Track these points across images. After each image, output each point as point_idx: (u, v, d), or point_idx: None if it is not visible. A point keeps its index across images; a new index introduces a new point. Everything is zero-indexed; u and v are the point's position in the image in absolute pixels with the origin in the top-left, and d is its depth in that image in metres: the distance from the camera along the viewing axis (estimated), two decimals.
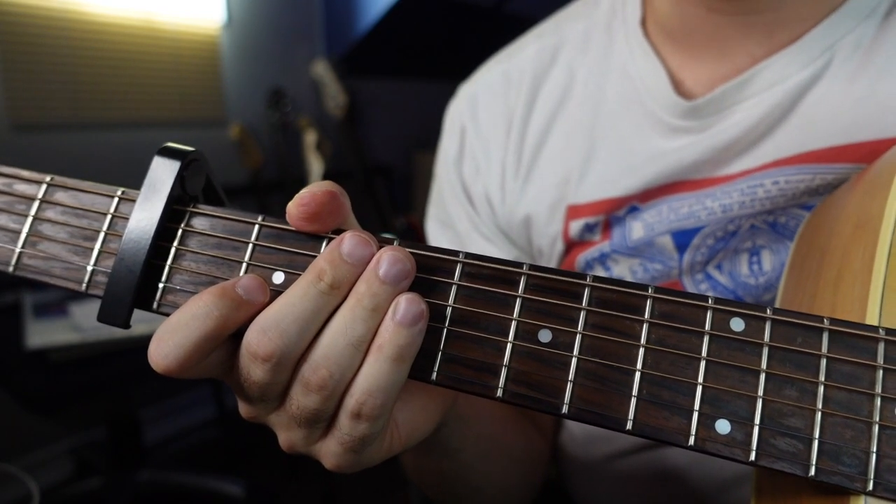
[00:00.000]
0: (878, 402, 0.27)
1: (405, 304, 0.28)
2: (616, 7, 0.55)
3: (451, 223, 0.62)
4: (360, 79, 2.80)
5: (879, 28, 0.43)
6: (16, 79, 1.85)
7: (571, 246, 0.55)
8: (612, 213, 0.52)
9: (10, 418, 1.71)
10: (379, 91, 2.97)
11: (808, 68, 0.44)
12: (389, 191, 2.92)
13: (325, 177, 2.52)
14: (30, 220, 0.35)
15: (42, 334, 1.46)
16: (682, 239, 0.50)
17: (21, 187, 0.36)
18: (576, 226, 0.54)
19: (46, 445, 1.91)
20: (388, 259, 0.29)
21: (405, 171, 3.14)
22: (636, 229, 0.51)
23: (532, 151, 0.56)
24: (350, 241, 0.29)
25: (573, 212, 0.54)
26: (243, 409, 0.32)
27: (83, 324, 1.48)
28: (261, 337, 0.28)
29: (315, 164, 2.52)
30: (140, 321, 0.33)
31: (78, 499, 1.83)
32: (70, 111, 1.98)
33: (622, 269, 0.53)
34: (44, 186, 0.35)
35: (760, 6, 0.45)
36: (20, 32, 1.85)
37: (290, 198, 0.31)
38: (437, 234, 0.63)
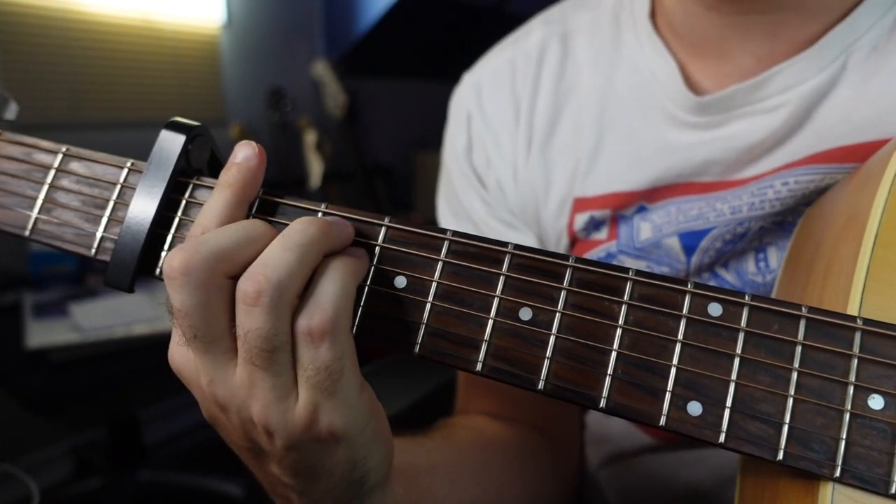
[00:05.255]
0: (851, 390, 0.27)
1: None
2: None
3: (466, 214, 0.60)
4: (360, 79, 2.80)
5: (894, 28, 0.43)
6: (16, 79, 1.85)
7: (575, 242, 0.54)
8: (620, 211, 0.52)
9: (10, 418, 1.71)
10: (379, 91, 2.96)
11: (825, 72, 0.43)
12: (389, 191, 2.92)
13: (326, 177, 2.52)
14: (46, 187, 0.37)
15: (42, 334, 1.46)
16: (691, 241, 0.49)
17: (39, 156, 0.38)
18: (581, 219, 0.53)
19: (46, 445, 1.91)
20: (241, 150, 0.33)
21: (405, 171, 3.14)
22: (644, 230, 0.51)
23: (541, 140, 0.55)
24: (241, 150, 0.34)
25: (579, 204, 0.53)
26: (200, 392, 0.32)
27: (83, 324, 1.48)
28: (171, 257, 0.29)
29: (315, 164, 2.52)
30: (140, 321, 0.34)
31: (78, 499, 1.83)
32: (70, 111, 1.98)
33: None
34: (60, 156, 0.37)
35: (761, 7, 0.44)
36: (20, 32, 1.86)
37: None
38: (452, 227, 0.62)
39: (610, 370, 0.29)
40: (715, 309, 0.29)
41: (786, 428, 0.27)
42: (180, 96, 2.27)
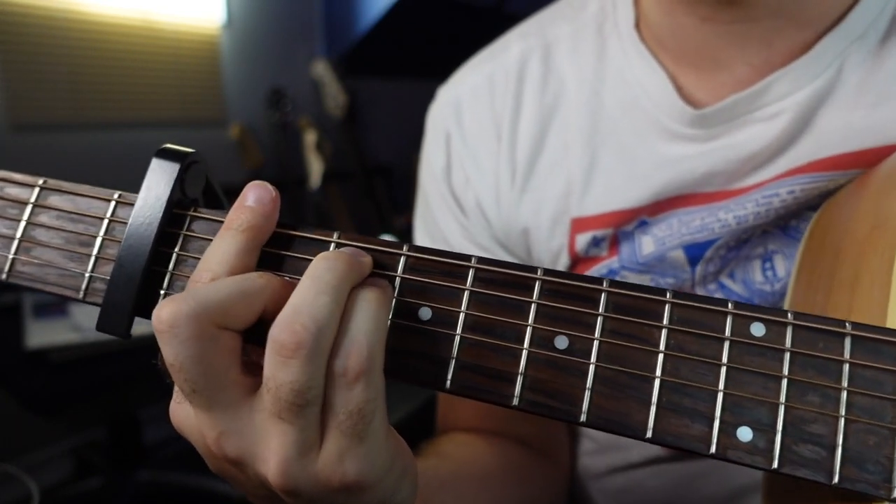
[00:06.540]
0: None
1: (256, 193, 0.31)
2: (606, 9, 0.53)
3: (443, 237, 0.58)
4: (360, 79, 2.79)
5: (887, 31, 0.43)
6: (16, 79, 1.85)
7: (577, 261, 0.53)
8: (621, 228, 0.50)
9: (10, 418, 1.71)
10: (379, 91, 2.96)
11: (820, 78, 0.43)
12: (389, 191, 2.92)
13: (326, 177, 2.52)
14: (23, 224, 0.34)
15: (42, 334, 1.46)
16: (695, 252, 0.48)
17: (13, 191, 0.35)
18: (582, 239, 0.51)
19: (46, 445, 1.91)
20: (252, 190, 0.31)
21: (405, 171, 3.13)
22: (646, 244, 0.50)
23: (527, 159, 0.53)
24: (253, 191, 0.31)
25: (579, 225, 0.52)
26: (207, 450, 0.29)
27: (83, 324, 1.48)
28: (163, 306, 0.27)
29: (315, 164, 2.52)
30: (139, 322, 0.33)
31: (78, 499, 1.83)
32: (70, 111, 1.98)
33: None
34: (37, 190, 0.34)
35: (757, 14, 0.43)
36: (20, 32, 1.85)
37: (291, 198, 0.32)
38: None
39: (654, 398, 0.28)
40: (758, 329, 0.28)
41: (839, 450, 0.26)
42: (180, 96, 2.27)
